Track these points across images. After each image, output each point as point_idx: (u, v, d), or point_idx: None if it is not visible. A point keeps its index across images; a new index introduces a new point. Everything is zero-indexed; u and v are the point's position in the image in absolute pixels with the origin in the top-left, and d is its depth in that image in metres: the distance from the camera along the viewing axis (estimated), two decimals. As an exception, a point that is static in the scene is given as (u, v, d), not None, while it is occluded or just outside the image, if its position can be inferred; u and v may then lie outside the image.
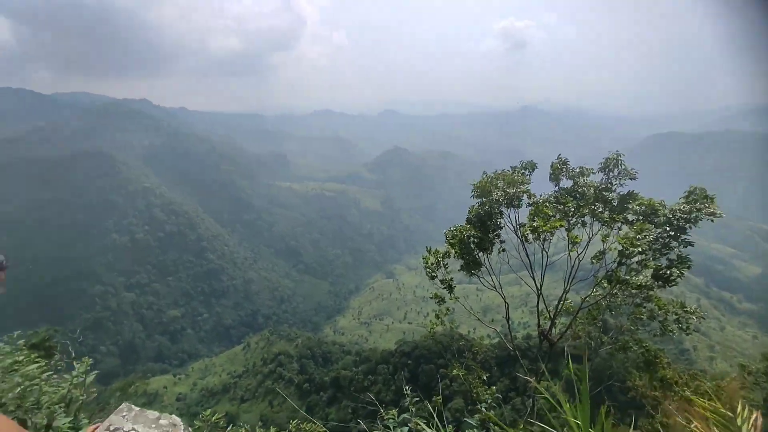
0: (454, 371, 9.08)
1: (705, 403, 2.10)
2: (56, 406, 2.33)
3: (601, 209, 8.70)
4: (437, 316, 10.14)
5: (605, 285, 9.37)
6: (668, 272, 7.99)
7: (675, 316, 9.30)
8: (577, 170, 9.04)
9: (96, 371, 2.50)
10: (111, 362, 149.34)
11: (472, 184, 9.62)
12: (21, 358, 4.75)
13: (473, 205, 10.08)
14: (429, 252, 10.13)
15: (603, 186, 8.69)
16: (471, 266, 9.65)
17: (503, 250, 10.10)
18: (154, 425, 2.09)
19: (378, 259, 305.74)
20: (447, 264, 10.23)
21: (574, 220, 9.00)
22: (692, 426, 2.16)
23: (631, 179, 8.63)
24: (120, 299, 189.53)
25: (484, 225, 9.74)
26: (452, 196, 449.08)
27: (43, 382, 2.38)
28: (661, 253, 7.84)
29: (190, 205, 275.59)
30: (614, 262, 8.50)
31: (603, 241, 8.58)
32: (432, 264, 9.96)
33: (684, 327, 9.12)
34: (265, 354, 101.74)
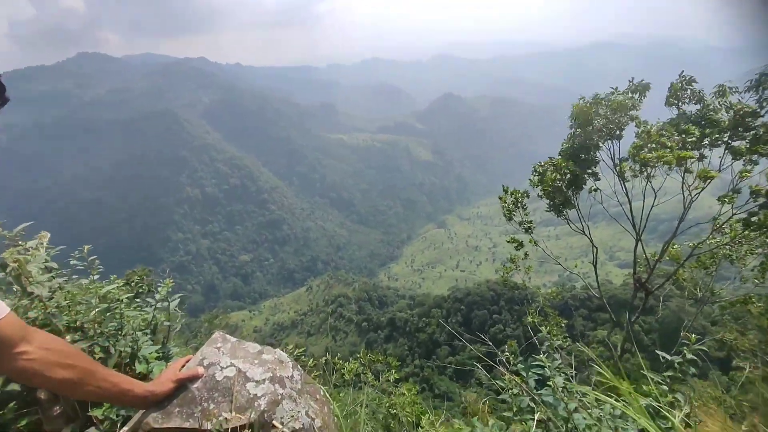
0: (530, 318, 8.43)
1: None
2: (140, 332, 2.07)
3: (737, 138, 6.91)
4: (512, 260, 9.35)
5: (731, 230, 7.77)
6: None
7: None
8: (714, 90, 7.11)
9: (180, 295, 2.11)
10: (196, 299, 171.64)
11: (573, 108, 8.12)
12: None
13: (567, 136, 8.65)
14: (506, 191, 9.09)
15: (747, 110, 6.78)
16: (561, 206, 8.50)
17: (595, 189, 8.74)
18: (256, 361, 1.67)
19: (429, 209, 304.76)
20: (525, 204, 9.18)
21: (693, 150, 7.29)
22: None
23: None
24: (198, 245, 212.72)
25: (578, 159, 8.38)
26: (508, 145, 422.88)
27: (124, 305, 2.13)
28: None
29: (249, 158, 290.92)
30: (755, 201, 6.87)
31: (742, 177, 6.91)
32: (510, 204, 8.96)
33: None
34: (326, 296, 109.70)
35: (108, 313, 1.94)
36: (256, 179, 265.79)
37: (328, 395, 1.82)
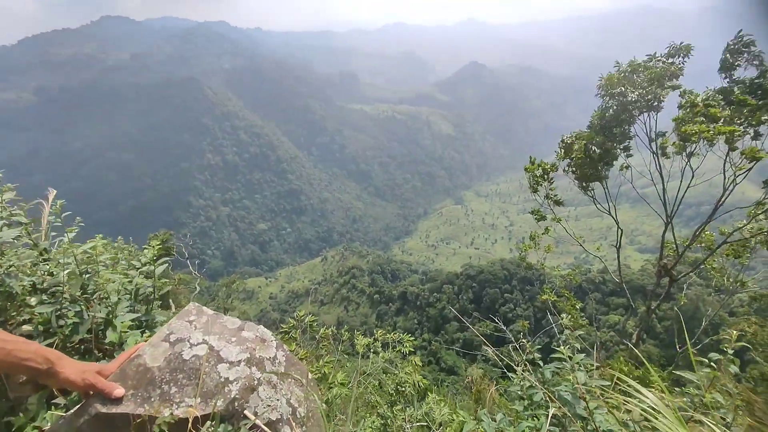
0: (544, 296, 8.17)
1: None
2: (120, 298, 1.90)
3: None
4: (532, 237, 8.97)
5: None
6: None
7: None
8: None
9: (168, 260, 1.91)
10: (216, 264, 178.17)
11: (602, 80, 7.39)
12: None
13: (598, 108, 7.97)
14: (533, 163, 8.58)
15: None
16: (589, 178, 7.96)
17: (627, 166, 8.13)
18: (234, 338, 1.43)
19: (448, 184, 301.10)
20: (552, 178, 8.68)
21: (745, 126, 6.52)
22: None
23: None
24: (219, 212, 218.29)
25: (609, 133, 7.74)
26: (535, 118, 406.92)
27: (103, 267, 1.97)
28: None
29: (269, 127, 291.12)
30: None
31: None
32: (538, 176, 8.46)
33: None
34: (340, 267, 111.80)
35: (86, 276, 1.78)
36: (275, 148, 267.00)
37: (311, 382, 1.59)
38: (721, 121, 6.35)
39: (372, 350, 5.46)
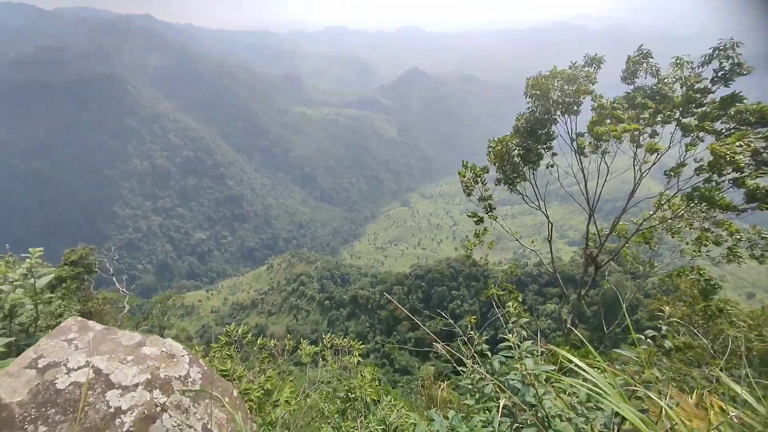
0: (490, 291, 8.57)
1: None
2: None
3: (688, 115, 7.11)
4: (476, 235, 9.36)
5: (675, 204, 8.19)
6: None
7: (748, 243, 8.25)
8: (672, 61, 7.20)
9: (53, 273, 1.68)
10: (148, 279, 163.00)
11: (527, 81, 8.00)
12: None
13: (522, 112, 8.59)
14: (465, 166, 8.99)
15: (699, 85, 6.94)
16: (512, 180, 8.53)
17: (552, 165, 8.84)
18: (130, 357, 1.13)
19: (394, 187, 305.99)
20: (485, 180, 9.16)
21: (646, 127, 7.49)
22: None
23: (743, 74, 6.79)
24: (149, 222, 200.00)
25: (534, 134, 8.37)
26: (475, 124, 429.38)
27: None
28: (763, 171, 6.47)
29: (204, 130, 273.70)
30: (698, 175, 7.20)
31: (688, 150, 7.18)
32: (469, 179, 8.89)
33: (757, 255, 8.12)
34: (288, 274, 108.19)
35: None
36: (212, 152, 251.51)
37: (236, 399, 1.35)
38: (625, 122, 7.20)
39: (322, 357, 5.26)
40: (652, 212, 8.54)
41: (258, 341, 4.98)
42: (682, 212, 8.16)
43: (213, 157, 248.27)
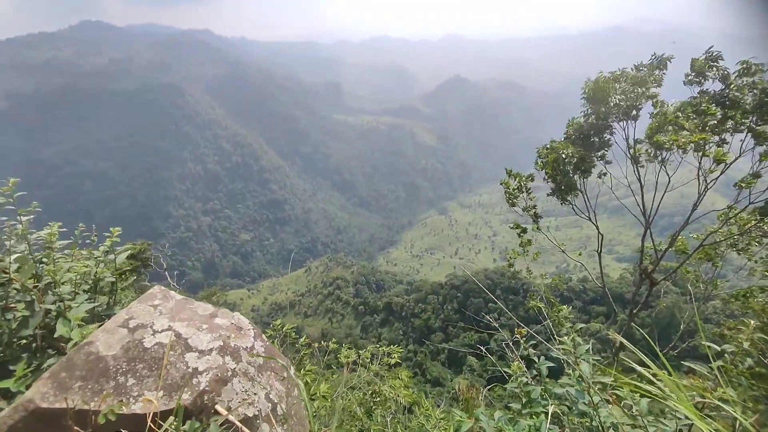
0: (532, 303, 8.21)
1: None
2: (78, 289, 1.65)
3: (762, 122, 6.47)
4: (522, 245, 9.03)
5: (744, 218, 7.44)
6: None
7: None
8: (738, 68, 6.61)
9: (129, 250, 1.76)
10: (196, 275, 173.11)
11: (585, 84, 7.63)
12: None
13: (573, 117, 8.21)
14: (509, 174, 8.72)
15: None
16: (564, 190, 8.11)
17: (605, 174, 8.35)
18: (205, 326, 1.25)
19: (431, 195, 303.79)
20: (531, 189, 8.82)
21: (713, 135, 6.87)
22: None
23: None
24: (199, 222, 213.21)
25: (587, 141, 7.95)
26: (516, 132, 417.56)
27: (60, 255, 1.76)
28: None
29: (252, 136, 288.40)
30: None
31: (762, 160, 6.51)
32: (514, 189, 8.60)
33: None
34: (325, 278, 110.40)
35: (39, 264, 1.58)
36: (258, 158, 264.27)
37: (294, 377, 1.37)
38: (689, 129, 6.66)
39: (360, 363, 5.28)
40: (718, 227, 7.80)
41: (301, 339, 5.12)
42: (750, 228, 7.38)
43: (259, 162, 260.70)
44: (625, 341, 2.25)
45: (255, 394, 1.16)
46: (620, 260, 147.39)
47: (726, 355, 1.69)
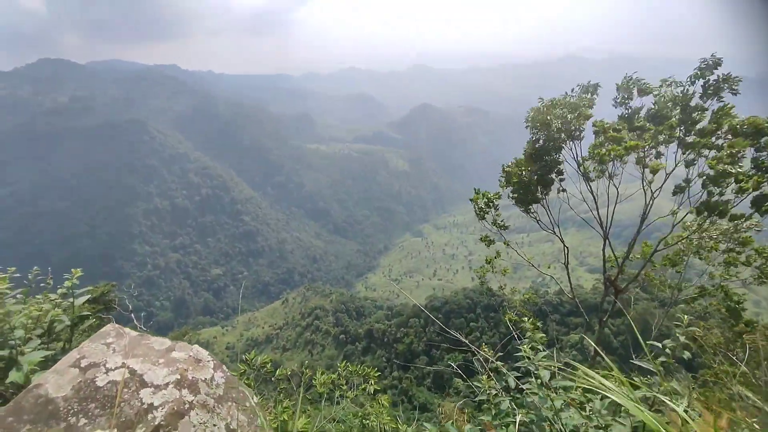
0: (507, 317, 8.41)
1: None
2: (31, 334, 1.64)
3: (689, 133, 7.22)
4: (487, 261, 9.31)
5: (690, 222, 8.08)
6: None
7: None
8: (660, 84, 7.42)
9: (89, 293, 1.74)
10: (165, 316, 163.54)
11: (528, 113, 8.30)
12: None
13: (529, 140, 8.81)
14: (477, 193, 9.11)
15: (694, 103, 7.12)
16: (530, 200, 8.62)
17: (563, 190, 8.88)
18: (161, 360, 1.24)
19: (406, 218, 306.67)
20: (497, 206, 9.23)
21: (648, 148, 7.60)
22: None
23: (731, 92, 6.89)
24: (167, 259, 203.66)
25: (542, 161, 8.53)
26: (483, 154, 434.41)
27: (13, 301, 1.76)
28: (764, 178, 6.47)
29: (222, 168, 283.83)
30: (702, 191, 7.23)
31: (688, 167, 7.25)
32: (482, 205, 8.99)
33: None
34: (303, 308, 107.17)
35: None
36: (229, 189, 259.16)
37: (256, 406, 1.40)
38: (625, 141, 7.36)
39: (337, 389, 5.11)
40: (670, 231, 8.43)
41: (278, 371, 4.93)
42: (695, 228, 8.06)
43: (230, 193, 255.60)
44: (596, 346, 2.36)
45: (214, 425, 1.17)
46: (592, 271, 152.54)
47: (667, 350, 1.83)
